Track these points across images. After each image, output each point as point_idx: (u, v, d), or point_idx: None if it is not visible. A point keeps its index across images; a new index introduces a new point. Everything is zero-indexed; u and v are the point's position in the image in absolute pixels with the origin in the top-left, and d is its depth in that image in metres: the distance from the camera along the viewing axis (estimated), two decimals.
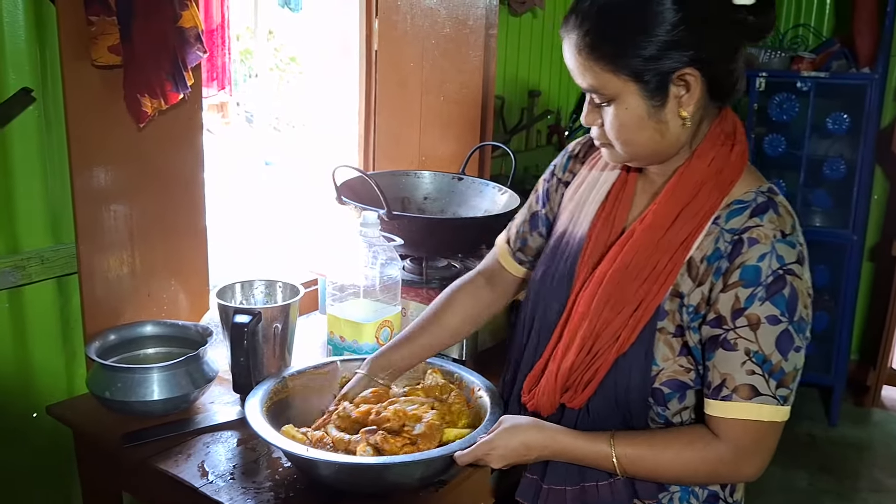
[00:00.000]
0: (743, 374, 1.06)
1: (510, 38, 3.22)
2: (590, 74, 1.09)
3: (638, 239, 1.14)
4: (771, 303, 1.05)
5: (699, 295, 1.10)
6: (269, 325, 1.59)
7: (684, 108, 1.08)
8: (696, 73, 1.05)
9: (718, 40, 1.06)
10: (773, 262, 1.05)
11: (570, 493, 1.18)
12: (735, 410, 1.07)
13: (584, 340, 1.15)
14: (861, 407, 4.01)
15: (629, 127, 1.10)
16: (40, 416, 1.62)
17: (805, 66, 3.72)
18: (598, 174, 1.30)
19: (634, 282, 1.12)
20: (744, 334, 1.06)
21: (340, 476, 1.28)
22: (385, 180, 2.11)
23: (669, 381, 1.13)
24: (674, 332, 1.11)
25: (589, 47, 1.07)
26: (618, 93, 1.08)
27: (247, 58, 6.51)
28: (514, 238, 1.46)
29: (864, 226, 3.75)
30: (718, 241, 1.09)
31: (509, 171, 2.25)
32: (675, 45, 1.03)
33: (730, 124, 1.15)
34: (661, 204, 1.13)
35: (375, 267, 1.68)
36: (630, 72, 1.05)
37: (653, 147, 1.12)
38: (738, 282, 1.06)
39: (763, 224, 1.07)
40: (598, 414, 1.17)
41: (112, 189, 1.64)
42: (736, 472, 1.10)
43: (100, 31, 1.50)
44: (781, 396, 1.06)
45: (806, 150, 3.71)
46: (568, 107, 3.77)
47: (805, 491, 3.21)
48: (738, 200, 1.11)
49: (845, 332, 3.79)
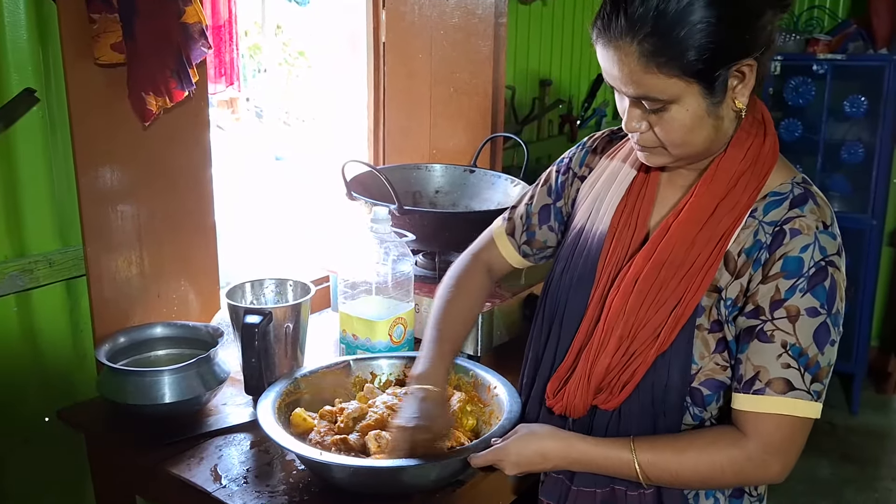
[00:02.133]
0: (778, 366, 1.03)
1: (520, 27, 3.18)
2: (647, 81, 1.01)
3: (674, 234, 1.10)
4: (812, 294, 1.03)
5: (738, 287, 1.07)
6: (281, 324, 1.57)
7: (739, 100, 1.05)
8: (752, 63, 1.02)
9: (765, 24, 1.02)
10: (816, 254, 1.03)
11: (600, 496, 1.15)
12: (768, 405, 1.04)
13: (620, 340, 1.12)
14: (882, 394, 3.96)
15: (688, 128, 1.05)
16: (52, 420, 1.61)
17: (821, 48, 3.66)
18: (617, 166, 1.26)
19: (673, 279, 1.09)
20: (781, 326, 1.03)
21: (355, 479, 1.25)
22: (395, 174, 2.08)
23: (708, 381, 1.10)
24: (710, 328, 1.09)
25: (649, 54, 0.99)
26: (678, 95, 1.02)
27: (255, 53, 6.51)
28: (519, 229, 1.41)
29: (884, 210, 3.69)
30: (758, 233, 1.07)
31: (521, 163, 2.22)
32: (733, 39, 0.99)
33: (759, 113, 1.12)
34: (697, 197, 1.10)
35: (387, 263, 1.66)
36: (693, 73, 1.00)
37: (707, 144, 1.08)
38: (780, 273, 1.04)
39: (805, 215, 1.05)
40: (629, 417, 1.13)
41: (118, 189, 1.61)
42: (764, 472, 1.07)
43: (102, 29, 1.48)
44: (815, 392, 1.04)
45: (823, 135, 3.66)
46: (580, 95, 3.73)
47: (827, 480, 3.17)
48: (774, 192, 1.08)
49: (865, 318, 3.74)
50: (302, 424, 1.36)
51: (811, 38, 3.72)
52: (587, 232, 1.24)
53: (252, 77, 7.20)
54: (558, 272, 1.27)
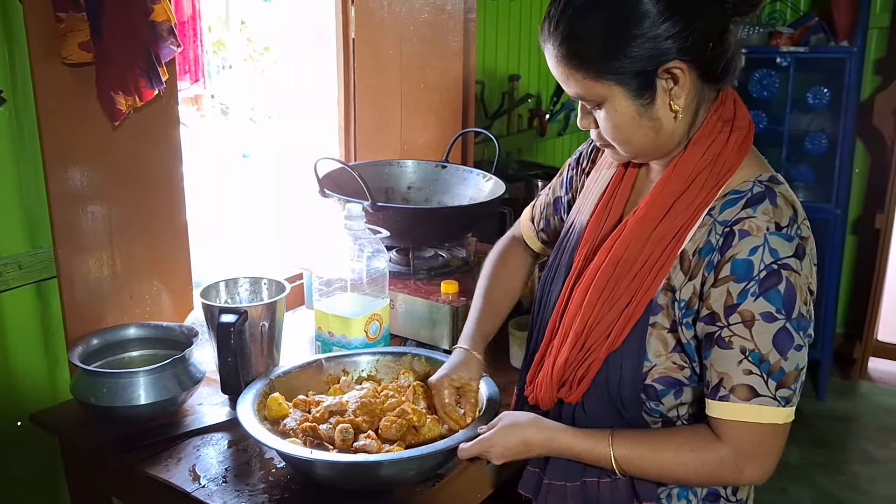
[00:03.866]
0: (740, 373, 1.02)
1: (488, 22, 3.19)
2: (573, 82, 1.06)
3: (630, 231, 1.11)
4: (765, 299, 1.00)
5: (690, 289, 1.06)
6: (256, 323, 1.56)
7: (675, 102, 1.05)
8: (682, 65, 1.02)
9: (702, 26, 1.01)
10: (767, 256, 1.00)
11: (571, 489, 1.16)
12: (734, 412, 1.02)
13: (577, 336, 1.13)
14: (848, 380, 4.04)
15: (623, 128, 1.07)
16: (24, 424, 1.59)
17: (784, 41, 3.70)
18: (606, 162, 1.29)
19: (626, 276, 1.10)
20: (738, 331, 1.01)
21: (335, 474, 1.26)
22: (367, 171, 2.08)
23: (662, 378, 1.09)
24: (669, 328, 1.08)
25: (567, 56, 1.04)
26: (604, 97, 1.05)
27: (219, 49, 6.43)
28: (538, 217, 1.47)
29: (847, 200, 3.76)
30: (711, 233, 1.05)
31: (492, 157, 2.23)
32: (654, 41, 1.00)
33: (729, 109, 1.11)
34: (654, 195, 1.11)
35: (362, 260, 1.66)
36: (612, 75, 1.02)
37: (650, 144, 1.09)
38: (730, 276, 1.01)
39: (756, 215, 1.02)
40: (593, 409, 1.15)
41: (88, 190, 1.59)
42: (738, 475, 1.06)
43: (69, 28, 1.46)
44: (783, 398, 1.02)
45: (787, 126, 3.71)
46: (548, 90, 3.75)
47: (797, 466, 3.23)
48: (734, 190, 1.06)
49: (830, 306, 3.81)
50: (277, 409, 1.37)
51: (774, 32, 3.77)
52: (573, 225, 1.27)
53: (216, 73, 7.11)
54: (548, 264, 1.31)
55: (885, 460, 3.32)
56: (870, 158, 4.01)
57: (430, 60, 2.59)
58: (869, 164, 4.01)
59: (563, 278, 1.22)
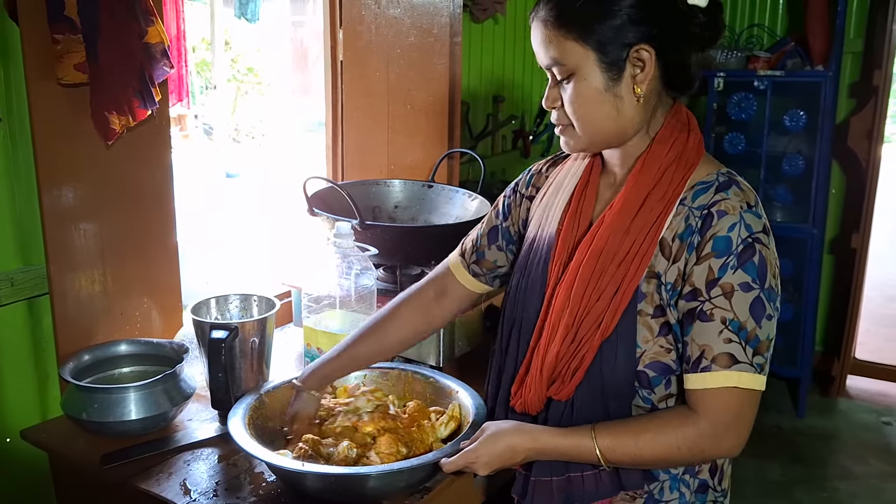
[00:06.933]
0: (720, 342, 1.09)
1: (473, 45, 3.25)
2: (553, 46, 1.15)
3: (609, 225, 1.17)
4: (743, 270, 1.09)
5: (675, 271, 1.13)
6: (247, 339, 1.59)
7: (638, 86, 1.14)
8: (651, 51, 1.13)
9: (672, 26, 1.13)
10: (743, 231, 1.09)
11: (556, 484, 1.20)
12: (714, 380, 1.09)
13: (567, 329, 1.17)
14: (827, 397, 4.09)
15: (587, 100, 1.15)
16: (14, 440, 1.60)
17: (761, 65, 3.79)
18: (561, 179, 1.34)
19: (610, 266, 1.15)
20: (719, 303, 1.09)
21: (325, 486, 1.28)
22: (355, 190, 2.11)
23: (653, 364, 1.15)
24: (652, 313, 1.14)
25: (555, 18, 1.14)
26: (578, 63, 1.14)
27: (203, 69, 6.46)
28: (469, 251, 1.46)
29: (824, 219, 3.82)
30: (689, 218, 1.13)
31: (477, 177, 2.27)
32: (634, 20, 1.11)
33: (683, 116, 1.22)
34: (628, 189, 1.18)
35: (350, 277, 1.68)
36: (593, 40, 1.12)
37: (610, 125, 1.17)
38: (711, 253, 1.10)
39: (730, 197, 1.12)
40: (582, 406, 1.18)
41: (81, 208, 1.62)
42: (717, 447, 1.12)
43: (65, 50, 1.49)
44: (758, 364, 1.09)
45: (765, 148, 3.78)
46: (532, 111, 3.81)
47: (778, 482, 3.26)
48: (701, 181, 1.16)
49: (809, 324, 3.86)
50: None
51: (752, 56, 3.85)
52: (538, 239, 1.31)
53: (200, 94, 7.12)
54: (515, 282, 1.33)
55: (864, 476, 3.36)
56: (846, 179, 4.09)
57: (416, 82, 2.64)
58: (845, 184, 4.09)
59: (542, 288, 1.25)
